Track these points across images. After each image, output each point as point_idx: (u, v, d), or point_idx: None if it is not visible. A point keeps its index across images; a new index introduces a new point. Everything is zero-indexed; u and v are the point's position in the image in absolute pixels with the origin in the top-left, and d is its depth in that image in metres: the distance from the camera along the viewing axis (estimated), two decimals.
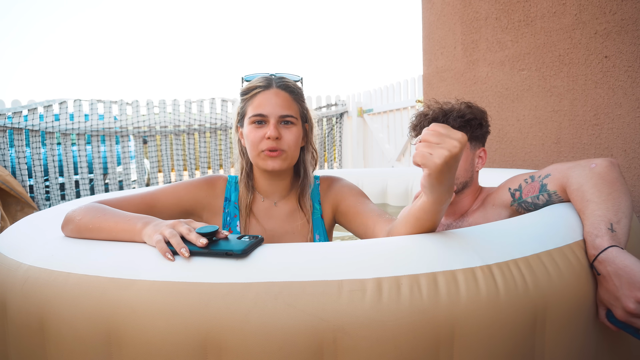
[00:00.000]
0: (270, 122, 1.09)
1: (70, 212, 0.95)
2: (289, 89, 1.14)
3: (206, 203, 1.18)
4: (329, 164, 5.57)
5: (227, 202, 1.19)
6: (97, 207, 0.94)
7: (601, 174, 0.98)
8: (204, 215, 1.18)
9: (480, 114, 1.35)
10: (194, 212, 1.17)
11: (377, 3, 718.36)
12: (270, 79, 1.14)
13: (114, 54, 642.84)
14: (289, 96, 1.13)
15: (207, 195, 1.18)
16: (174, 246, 0.78)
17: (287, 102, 1.12)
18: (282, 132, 1.10)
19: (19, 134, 4.02)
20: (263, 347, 0.71)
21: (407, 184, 2.54)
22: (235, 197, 1.19)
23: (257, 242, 0.82)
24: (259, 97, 1.11)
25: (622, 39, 1.85)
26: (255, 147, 1.11)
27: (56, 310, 0.79)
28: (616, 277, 0.82)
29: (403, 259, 0.78)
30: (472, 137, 1.34)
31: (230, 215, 1.18)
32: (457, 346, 0.75)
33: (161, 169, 5.05)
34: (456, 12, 2.77)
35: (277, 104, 1.10)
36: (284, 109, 1.11)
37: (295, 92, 1.16)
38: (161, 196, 1.12)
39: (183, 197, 1.14)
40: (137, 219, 0.88)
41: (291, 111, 1.12)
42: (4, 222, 3.34)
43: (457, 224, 1.38)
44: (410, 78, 4.43)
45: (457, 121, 1.30)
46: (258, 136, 1.10)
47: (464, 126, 1.31)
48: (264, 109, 1.10)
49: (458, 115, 1.31)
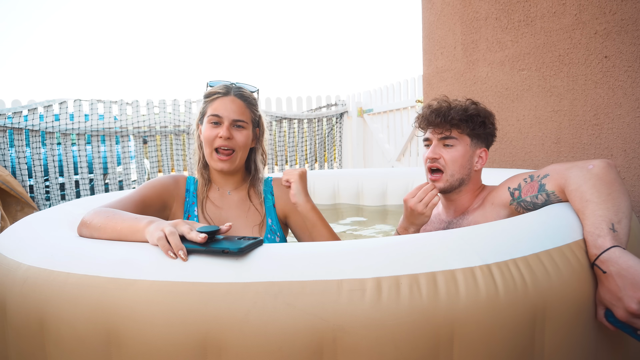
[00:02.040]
0: (224, 123, 1.27)
1: (85, 215, 1.06)
2: (244, 98, 1.33)
3: (175, 195, 1.36)
4: (329, 164, 5.57)
5: (188, 193, 1.38)
6: (107, 210, 1.04)
7: (599, 175, 0.98)
8: (173, 206, 1.36)
9: (485, 114, 1.36)
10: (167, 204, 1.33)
11: (377, 3, 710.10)
12: (230, 87, 1.33)
13: (114, 54, 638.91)
14: (243, 104, 1.31)
15: (175, 188, 1.36)
16: (172, 246, 0.80)
17: (241, 109, 1.30)
18: (233, 133, 1.28)
19: (19, 134, 4.02)
20: (263, 346, 0.72)
21: (407, 184, 2.54)
22: (194, 189, 1.39)
23: (255, 243, 0.82)
24: (217, 101, 1.30)
25: (622, 39, 1.85)
26: (210, 144, 1.28)
27: (56, 310, 0.79)
28: (619, 278, 0.82)
29: (402, 259, 0.78)
30: (474, 134, 1.34)
31: (189, 203, 1.36)
32: (457, 345, 0.75)
33: (161, 169, 5.05)
34: (456, 12, 2.77)
35: (232, 109, 1.28)
36: (237, 114, 1.29)
37: (249, 101, 1.34)
38: (147, 192, 1.27)
39: (161, 191, 1.31)
40: (141, 218, 0.94)
41: (243, 117, 1.30)
42: (4, 222, 3.34)
43: (457, 221, 1.38)
44: (410, 78, 4.43)
45: (458, 114, 1.31)
46: (212, 134, 1.27)
47: (466, 120, 1.31)
48: (220, 111, 1.28)
49: (462, 108, 1.33)
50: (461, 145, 1.33)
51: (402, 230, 1.31)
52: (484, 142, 1.38)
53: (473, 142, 1.35)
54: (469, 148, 1.34)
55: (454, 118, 1.31)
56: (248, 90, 1.37)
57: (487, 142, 1.39)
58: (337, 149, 5.51)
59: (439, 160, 1.33)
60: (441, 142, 1.34)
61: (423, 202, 1.22)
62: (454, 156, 1.32)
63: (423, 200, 1.22)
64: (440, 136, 1.33)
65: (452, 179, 1.32)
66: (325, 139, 5.46)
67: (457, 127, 1.32)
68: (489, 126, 1.37)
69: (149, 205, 1.25)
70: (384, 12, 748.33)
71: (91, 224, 1.00)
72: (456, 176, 1.33)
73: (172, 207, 1.35)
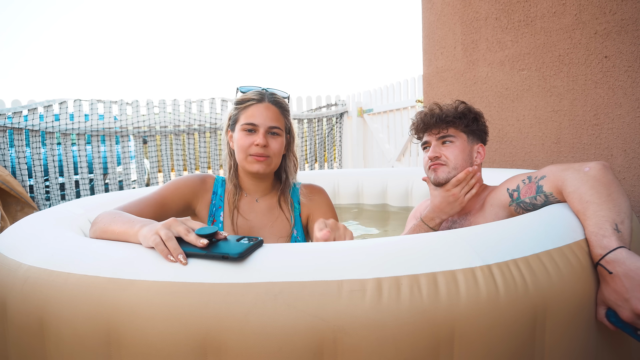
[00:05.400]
0: (260, 131, 1.24)
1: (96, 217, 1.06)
2: (278, 104, 1.30)
3: (200, 196, 1.33)
4: (329, 164, 5.57)
5: (215, 195, 1.35)
6: (113, 212, 1.03)
7: (596, 177, 0.98)
8: (197, 207, 1.33)
9: (475, 111, 1.42)
10: (191, 204, 1.31)
11: (377, 3, 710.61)
12: (264, 93, 1.30)
13: (114, 54, 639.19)
14: (278, 111, 1.29)
15: (201, 189, 1.33)
16: (170, 250, 0.78)
17: (276, 116, 1.27)
18: (269, 141, 1.25)
19: (19, 134, 4.02)
20: (263, 347, 0.71)
21: (407, 184, 2.54)
22: (221, 192, 1.36)
23: (255, 245, 0.81)
24: (251, 108, 1.27)
25: (622, 39, 1.85)
26: (244, 151, 1.25)
27: (56, 310, 0.79)
28: (626, 279, 0.82)
29: (403, 259, 0.78)
30: (469, 131, 1.39)
31: (215, 206, 1.33)
32: (457, 346, 0.75)
33: (161, 169, 5.05)
34: (456, 12, 2.77)
35: (267, 116, 1.26)
36: (272, 121, 1.26)
37: (283, 108, 1.32)
38: (168, 194, 1.25)
39: (185, 191, 1.29)
40: (136, 221, 0.92)
41: (279, 124, 1.27)
42: (4, 222, 3.33)
43: (460, 222, 1.39)
44: (410, 78, 4.43)
45: (453, 112, 1.38)
46: (247, 142, 1.25)
47: (459, 117, 1.38)
48: (255, 119, 1.25)
49: (453, 107, 1.40)
50: (459, 141, 1.38)
51: (429, 220, 1.38)
52: (479, 138, 1.43)
53: (469, 138, 1.40)
54: (467, 144, 1.39)
55: (448, 116, 1.37)
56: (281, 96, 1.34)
57: (481, 138, 1.44)
58: (337, 149, 5.50)
59: (441, 158, 1.37)
60: (439, 141, 1.39)
61: (464, 190, 1.32)
62: (455, 152, 1.36)
63: (463, 189, 1.32)
64: (438, 136, 1.39)
65: (454, 171, 1.35)
66: (325, 139, 5.46)
67: (452, 124, 1.37)
68: (482, 122, 1.43)
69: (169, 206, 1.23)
70: (384, 12, 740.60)
71: (97, 225, 1.00)
72: (458, 169, 1.36)
73: (196, 207, 1.32)
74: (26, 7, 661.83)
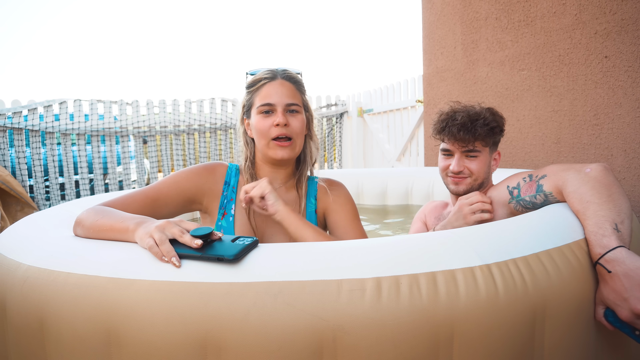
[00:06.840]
0: (278, 110, 1.14)
1: (79, 214, 0.99)
2: (293, 80, 1.20)
3: (207, 189, 1.20)
4: (329, 164, 5.57)
5: (227, 186, 1.23)
6: (98, 210, 0.97)
7: (597, 178, 0.98)
8: (204, 201, 1.21)
9: (502, 121, 1.40)
10: (195, 199, 1.19)
11: (377, 3, 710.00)
12: (275, 71, 1.19)
13: (114, 54, 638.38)
14: (293, 86, 1.19)
15: (207, 181, 1.20)
16: (164, 254, 0.78)
17: (292, 92, 1.17)
18: (289, 120, 1.15)
19: (19, 134, 4.02)
20: (263, 346, 0.72)
21: (407, 184, 2.54)
22: (234, 182, 1.24)
23: (250, 246, 0.81)
24: (265, 87, 1.16)
25: (622, 39, 1.85)
26: (265, 135, 1.15)
27: (56, 310, 0.79)
28: (626, 278, 0.82)
29: (402, 259, 0.78)
30: (493, 142, 1.39)
31: (227, 198, 1.21)
32: (457, 345, 0.75)
33: (161, 169, 5.05)
34: (456, 12, 2.77)
35: (283, 93, 1.15)
36: (290, 97, 1.16)
37: (299, 83, 1.21)
38: (163, 188, 1.14)
39: (184, 185, 1.17)
40: (130, 219, 0.89)
41: (296, 100, 1.17)
42: (4, 222, 3.34)
43: None
44: (410, 78, 4.43)
45: (484, 129, 1.33)
46: (267, 124, 1.14)
47: (489, 135, 1.35)
48: (271, 98, 1.15)
49: (485, 123, 1.34)
50: (483, 155, 1.37)
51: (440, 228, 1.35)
52: (497, 145, 1.43)
53: (491, 148, 1.40)
54: (488, 155, 1.39)
55: (480, 134, 1.32)
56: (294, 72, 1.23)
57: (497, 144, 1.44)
58: (337, 149, 5.51)
59: (464, 171, 1.36)
60: (464, 154, 1.37)
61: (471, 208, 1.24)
62: (479, 165, 1.36)
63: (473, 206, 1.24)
64: (464, 149, 1.36)
65: (475, 183, 1.37)
66: (325, 139, 5.46)
67: (481, 140, 1.34)
68: (503, 131, 1.42)
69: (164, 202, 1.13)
70: (384, 12, 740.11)
71: (82, 223, 0.96)
72: (478, 180, 1.37)
73: (203, 201, 1.20)
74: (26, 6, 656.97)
